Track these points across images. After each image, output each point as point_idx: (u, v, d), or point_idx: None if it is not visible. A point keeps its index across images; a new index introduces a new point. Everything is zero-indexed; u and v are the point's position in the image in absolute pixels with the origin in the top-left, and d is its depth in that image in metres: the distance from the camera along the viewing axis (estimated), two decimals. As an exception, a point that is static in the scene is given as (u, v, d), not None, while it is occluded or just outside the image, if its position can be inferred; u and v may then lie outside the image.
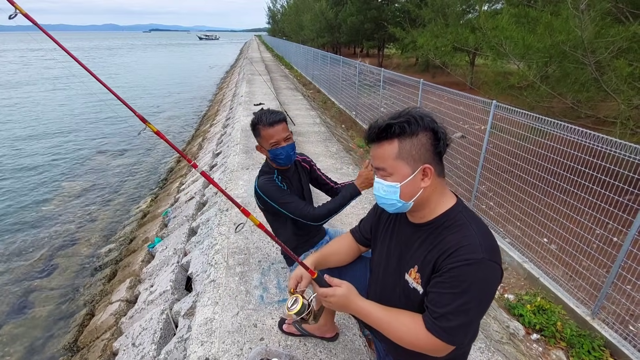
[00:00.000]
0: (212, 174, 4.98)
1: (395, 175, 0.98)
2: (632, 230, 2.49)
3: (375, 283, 1.23)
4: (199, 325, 1.84)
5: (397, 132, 0.95)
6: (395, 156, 0.96)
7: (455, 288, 0.91)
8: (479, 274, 0.90)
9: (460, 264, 0.90)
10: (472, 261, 0.89)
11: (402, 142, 0.95)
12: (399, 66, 18.90)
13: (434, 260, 0.97)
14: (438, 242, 0.98)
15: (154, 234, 4.27)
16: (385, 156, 0.98)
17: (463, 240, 0.93)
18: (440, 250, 0.96)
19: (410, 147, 0.95)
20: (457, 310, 0.91)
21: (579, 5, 3.93)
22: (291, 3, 36.30)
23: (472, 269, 0.89)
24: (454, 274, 0.91)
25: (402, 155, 0.96)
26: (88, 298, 3.81)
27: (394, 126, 0.95)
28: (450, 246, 0.94)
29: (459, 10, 11.20)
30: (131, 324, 2.77)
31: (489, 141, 3.93)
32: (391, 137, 0.96)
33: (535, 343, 2.69)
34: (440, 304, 0.93)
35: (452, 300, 0.91)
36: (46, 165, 7.85)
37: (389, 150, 0.96)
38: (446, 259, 0.93)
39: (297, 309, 1.19)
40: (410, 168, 0.97)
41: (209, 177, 1.20)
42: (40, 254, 4.71)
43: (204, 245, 3.01)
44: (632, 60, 4.00)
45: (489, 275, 0.91)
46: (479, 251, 0.90)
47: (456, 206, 1.02)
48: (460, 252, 0.91)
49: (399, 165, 0.97)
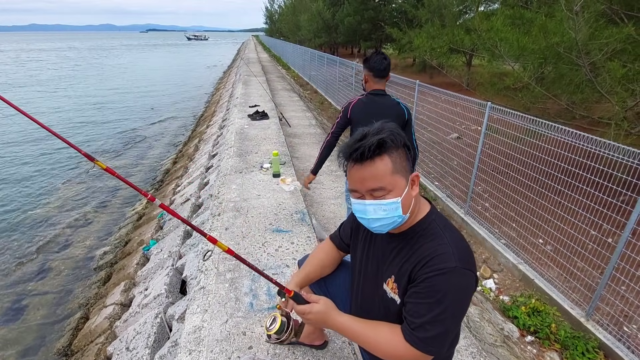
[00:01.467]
0: (207, 176, 4.97)
1: (394, 191, 0.94)
2: (626, 232, 2.50)
3: (357, 291, 1.22)
4: (188, 334, 1.83)
5: (388, 146, 0.92)
6: (392, 171, 0.93)
7: (431, 298, 0.91)
8: (453, 282, 0.90)
9: (434, 273, 0.91)
10: (446, 270, 0.90)
11: (391, 156, 0.93)
12: (396, 67, 18.92)
13: (409, 270, 0.97)
14: (413, 252, 0.98)
15: (149, 237, 4.25)
16: (380, 174, 0.93)
17: (437, 249, 0.94)
18: (415, 260, 0.96)
19: (399, 159, 0.94)
20: (433, 320, 0.91)
21: (573, 7, 3.94)
22: (288, 3, 36.28)
23: (445, 278, 0.90)
24: (428, 283, 0.91)
25: (396, 169, 0.94)
26: (82, 301, 3.79)
27: (385, 141, 0.92)
28: (424, 256, 0.94)
29: (455, 11, 11.23)
30: (125, 327, 2.76)
31: (484, 142, 3.94)
32: (381, 153, 0.93)
33: (530, 345, 2.69)
34: (417, 314, 0.94)
35: (427, 310, 0.91)
36: (41, 168, 7.80)
37: (383, 166, 0.92)
38: (421, 268, 0.94)
39: (276, 328, 1.18)
40: (404, 180, 0.95)
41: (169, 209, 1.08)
42: (34, 256, 4.68)
43: (199, 248, 3.00)
44: (626, 62, 4.02)
45: (463, 283, 0.91)
46: (452, 260, 0.91)
47: (430, 214, 1.02)
48: (434, 262, 0.92)
49: (397, 179, 0.94)
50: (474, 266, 0.95)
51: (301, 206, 3.14)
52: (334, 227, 3.17)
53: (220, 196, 3.36)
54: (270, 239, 2.65)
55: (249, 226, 2.82)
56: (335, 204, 3.60)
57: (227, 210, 3.07)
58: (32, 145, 9.31)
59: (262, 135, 5.31)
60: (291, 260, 2.38)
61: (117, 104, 14.58)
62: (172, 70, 29.10)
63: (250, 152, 4.54)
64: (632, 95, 3.88)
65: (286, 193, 3.40)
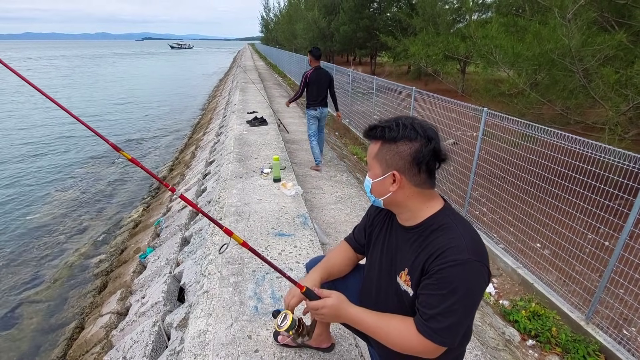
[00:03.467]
0: (205, 183, 4.94)
1: (371, 172, 1.08)
2: (623, 235, 2.52)
3: (369, 286, 1.24)
4: (192, 338, 1.80)
5: (378, 135, 1.04)
6: (373, 155, 1.06)
7: (443, 289, 0.93)
8: (465, 274, 0.92)
9: (446, 265, 0.93)
10: (458, 262, 0.92)
11: (383, 145, 1.03)
12: (392, 74, 19.11)
13: (422, 262, 0.99)
14: (426, 245, 1.00)
15: (146, 244, 4.20)
16: (369, 153, 1.09)
17: (449, 242, 0.95)
18: (428, 253, 0.98)
19: (386, 151, 1.03)
20: (445, 311, 0.93)
21: (566, 15, 4.02)
22: (284, 12, 36.63)
23: (458, 270, 0.92)
24: (441, 275, 0.93)
25: (378, 156, 1.05)
26: (78, 310, 3.73)
27: (377, 128, 1.04)
28: (437, 248, 0.96)
29: (449, 19, 11.41)
30: (122, 336, 2.71)
31: (481, 148, 3.97)
32: (376, 138, 1.05)
33: (531, 349, 2.68)
34: (429, 305, 0.95)
35: (440, 301, 0.93)
36: (35, 174, 7.73)
37: (373, 149, 1.07)
38: (434, 260, 0.96)
39: (287, 325, 1.20)
40: (380, 170, 1.05)
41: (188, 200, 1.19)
42: (29, 265, 4.61)
43: (197, 255, 2.97)
44: (618, 68, 4.09)
45: (475, 275, 0.93)
46: (465, 252, 0.92)
47: (443, 210, 1.05)
48: (446, 254, 0.94)
49: (374, 164, 1.06)
50: (487, 259, 0.96)
51: (303, 210, 3.14)
52: (335, 232, 3.16)
53: (221, 201, 3.34)
54: (273, 242, 2.64)
55: (251, 230, 2.81)
56: (336, 209, 3.59)
57: (229, 215, 3.06)
58: (23, 150, 9.23)
59: (262, 141, 5.32)
60: (294, 264, 2.37)
61: (109, 114, 14.52)
62: (166, 78, 29.11)
63: (250, 158, 4.54)
64: (625, 101, 3.94)
65: (287, 197, 3.39)
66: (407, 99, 5.78)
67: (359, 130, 8.07)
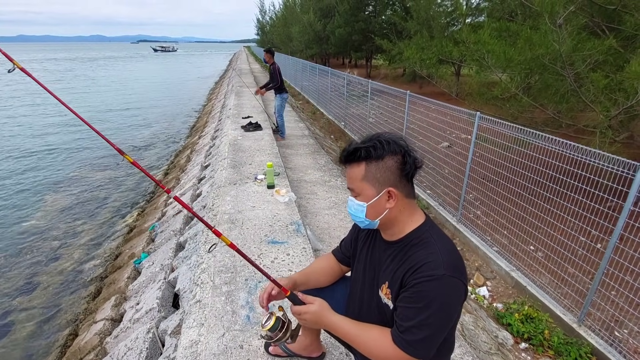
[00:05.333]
0: (200, 187, 4.94)
1: (362, 196, 1.05)
2: (614, 238, 2.56)
3: (354, 299, 1.26)
4: (184, 348, 1.80)
5: (363, 156, 1.02)
6: (361, 178, 1.03)
7: (419, 303, 0.95)
8: (440, 289, 0.94)
9: (423, 279, 0.95)
10: (435, 277, 0.94)
11: (369, 165, 1.02)
12: (387, 77, 19.20)
13: (401, 276, 1.01)
14: (406, 259, 1.02)
15: (141, 250, 4.18)
16: (353, 177, 1.06)
17: (427, 257, 0.98)
18: (407, 267, 1.00)
19: (375, 170, 1.02)
20: (420, 324, 0.95)
21: (557, 20, 4.08)
22: (280, 15, 36.68)
23: (434, 284, 0.94)
24: (417, 289, 0.96)
25: (367, 177, 1.03)
26: (71, 317, 3.70)
27: (360, 150, 1.02)
28: (415, 262, 0.99)
29: (443, 23, 11.49)
30: (116, 343, 2.69)
31: (474, 151, 4.01)
32: (359, 160, 1.03)
33: (524, 352, 2.70)
34: (405, 317, 0.98)
35: (415, 314, 0.96)
36: (28, 178, 7.66)
37: (357, 172, 1.04)
38: (411, 274, 0.98)
39: (270, 324, 1.21)
40: (375, 190, 1.03)
41: (181, 201, 1.23)
42: (21, 271, 4.56)
43: (192, 260, 2.96)
44: (608, 73, 4.15)
45: (450, 290, 0.95)
46: (441, 268, 0.95)
47: (424, 224, 1.07)
48: (423, 269, 0.96)
49: (365, 187, 1.04)
50: (464, 275, 0.99)
51: (296, 217, 3.14)
52: (329, 238, 3.17)
53: (215, 208, 3.34)
54: (266, 250, 2.64)
55: (244, 238, 2.81)
56: (329, 214, 3.60)
57: (222, 222, 3.05)
58: (13, 156, 9.15)
59: (256, 147, 5.32)
60: (287, 272, 2.37)
61: (104, 118, 14.45)
62: (160, 81, 29.01)
63: (244, 164, 4.54)
64: (615, 105, 4.00)
65: (281, 204, 3.40)
66: (401, 102, 5.81)
67: (354, 134, 8.09)
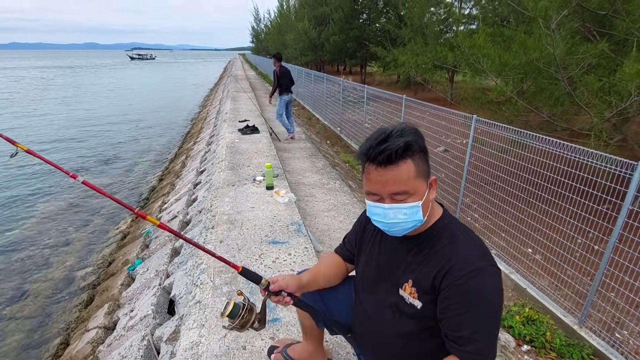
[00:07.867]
0: (196, 192, 4.88)
1: (415, 195, 0.92)
2: (613, 238, 2.55)
3: (367, 299, 1.17)
4: (184, 350, 1.75)
5: (414, 149, 0.90)
6: (415, 175, 0.90)
7: (468, 305, 0.88)
8: (486, 282, 0.89)
9: (466, 278, 0.88)
10: (476, 272, 0.88)
11: (414, 159, 0.90)
12: (382, 83, 19.35)
13: (433, 274, 0.94)
14: (434, 255, 0.96)
15: (135, 256, 4.10)
16: (404, 178, 0.90)
17: (460, 251, 0.92)
18: (438, 264, 0.93)
19: (421, 163, 0.92)
20: (478, 326, 0.88)
21: (550, 25, 4.14)
22: (274, 23, 36.94)
23: (478, 280, 0.88)
24: (463, 290, 0.88)
25: (419, 173, 0.91)
26: (62, 326, 3.59)
27: (412, 144, 0.89)
28: (448, 259, 0.92)
29: (437, 30, 11.65)
30: (109, 352, 2.61)
31: (471, 154, 4.01)
32: (404, 157, 0.89)
33: (526, 354, 2.67)
34: (461, 326, 0.89)
35: (472, 317, 0.88)
36: (18, 185, 7.52)
37: (407, 170, 0.89)
38: (448, 274, 0.91)
39: (228, 311, 1.10)
40: (425, 184, 0.94)
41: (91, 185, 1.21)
42: (10, 279, 4.44)
43: (188, 265, 2.90)
44: (601, 76, 4.21)
45: (495, 280, 0.90)
46: (477, 260, 0.90)
47: (444, 216, 1.02)
48: (461, 266, 0.90)
49: (418, 184, 0.91)
50: (493, 259, 0.94)
51: (297, 217, 3.11)
52: (328, 239, 3.13)
53: (214, 209, 3.29)
54: (267, 250, 2.60)
55: (244, 238, 2.76)
56: (329, 217, 3.57)
57: (221, 223, 3.01)
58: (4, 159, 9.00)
59: (254, 149, 5.29)
60: (289, 271, 2.34)
61: (99, 124, 14.33)
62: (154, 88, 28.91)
63: (242, 166, 4.50)
64: (609, 107, 4.05)
65: (281, 205, 3.36)
66: (397, 107, 5.84)
67: (350, 139, 8.10)
